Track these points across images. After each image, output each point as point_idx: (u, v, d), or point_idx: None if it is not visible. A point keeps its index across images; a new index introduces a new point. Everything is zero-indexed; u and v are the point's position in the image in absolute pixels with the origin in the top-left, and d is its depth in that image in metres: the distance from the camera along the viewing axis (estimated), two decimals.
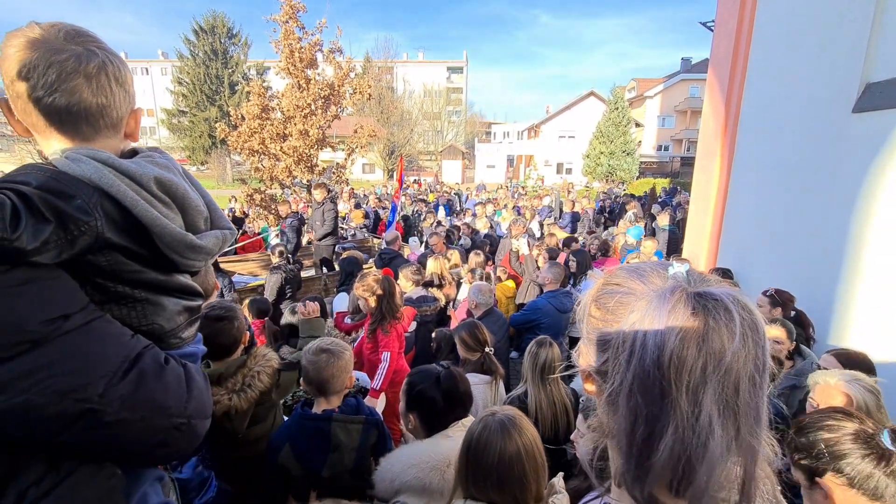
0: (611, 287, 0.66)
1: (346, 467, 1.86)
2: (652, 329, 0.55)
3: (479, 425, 1.39)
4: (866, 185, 3.41)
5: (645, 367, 0.54)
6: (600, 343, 0.63)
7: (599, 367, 0.63)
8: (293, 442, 1.85)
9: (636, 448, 0.56)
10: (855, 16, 3.58)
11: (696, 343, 0.53)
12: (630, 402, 0.56)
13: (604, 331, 0.63)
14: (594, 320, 0.66)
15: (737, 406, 0.54)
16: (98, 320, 0.82)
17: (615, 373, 0.58)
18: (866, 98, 3.48)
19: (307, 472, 1.84)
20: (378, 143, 34.82)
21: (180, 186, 0.96)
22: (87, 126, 0.88)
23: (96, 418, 0.76)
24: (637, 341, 0.56)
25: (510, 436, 1.35)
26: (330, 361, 1.92)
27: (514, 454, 1.33)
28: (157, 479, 1.02)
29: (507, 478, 1.32)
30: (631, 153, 31.70)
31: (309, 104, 10.63)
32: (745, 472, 0.55)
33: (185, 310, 1.03)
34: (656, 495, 0.57)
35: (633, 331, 0.57)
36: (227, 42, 38.35)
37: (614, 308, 0.63)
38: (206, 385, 1.02)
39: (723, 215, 5.39)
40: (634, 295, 0.62)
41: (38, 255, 0.74)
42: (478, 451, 1.34)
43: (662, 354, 0.53)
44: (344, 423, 1.90)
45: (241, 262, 8.52)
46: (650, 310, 0.56)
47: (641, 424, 0.55)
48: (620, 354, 0.58)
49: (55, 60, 0.81)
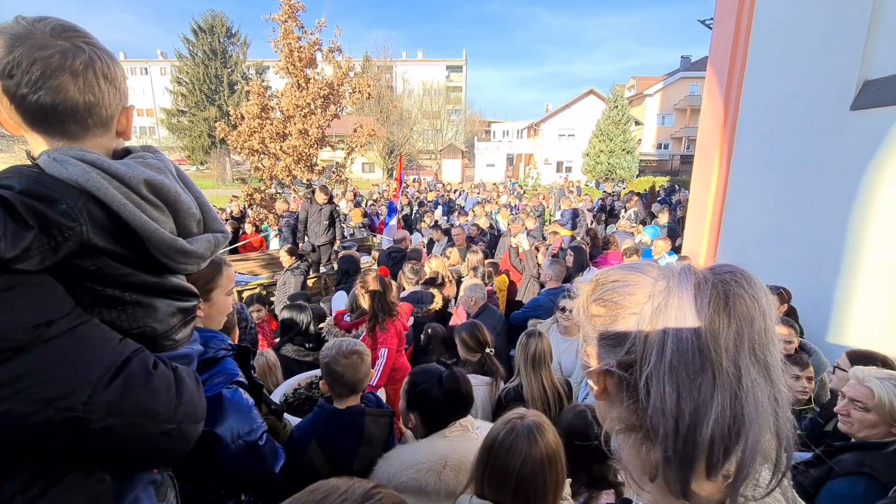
0: (609, 284, 0.66)
1: (374, 459, 1.88)
2: (682, 305, 0.57)
3: (506, 427, 1.35)
4: (865, 181, 3.40)
5: (683, 341, 0.56)
6: (614, 337, 0.64)
7: (622, 360, 0.62)
8: (320, 438, 1.85)
9: (684, 426, 0.55)
10: (853, 14, 3.57)
11: (726, 309, 0.55)
12: (672, 379, 0.56)
13: (616, 324, 0.64)
14: (600, 319, 0.66)
15: (767, 364, 0.56)
16: (83, 325, 0.80)
17: (647, 356, 0.59)
18: (864, 95, 3.47)
19: (335, 468, 1.83)
20: (377, 142, 34.78)
21: (172, 189, 0.94)
22: (75, 125, 0.85)
23: (82, 426, 0.75)
24: (670, 319, 0.57)
25: (536, 442, 1.32)
26: (363, 362, 1.95)
27: (538, 461, 1.30)
28: (150, 483, 1.01)
29: (526, 484, 1.29)
30: (631, 151, 31.61)
31: (308, 103, 10.62)
32: (780, 430, 0.57)
33: (179, 311, 1.01)
34: (692, 482, 0.58)
35: (660, 312, 0.59)
36: (226, 42, 38.32)
37: (622, 301, 0.64)
38: (197, 389, 1.00)
39: (722, 212, 5.38)
40: (640, 285, 0.63)
41: (20, 262, 0.72)
42: (501, 453, 1.31)
43: (699, 326, 0.55)
44: (375, 416, 1.92)
45: (242, 262, 8.51)
46: (673, 289, 0.59)
47: (687, 399, 0.55)
48: (651, 337, 0.59)
49: (39, 57, 0.78)
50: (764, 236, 4.67)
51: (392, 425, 2.02)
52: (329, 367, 1.92)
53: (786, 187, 4.35)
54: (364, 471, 1.82)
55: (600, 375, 0.67)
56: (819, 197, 3.90)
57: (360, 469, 1.83)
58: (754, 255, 4.81)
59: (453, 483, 1.53)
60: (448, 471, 1.56)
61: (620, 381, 0.64)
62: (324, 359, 1.95)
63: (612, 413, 0.67)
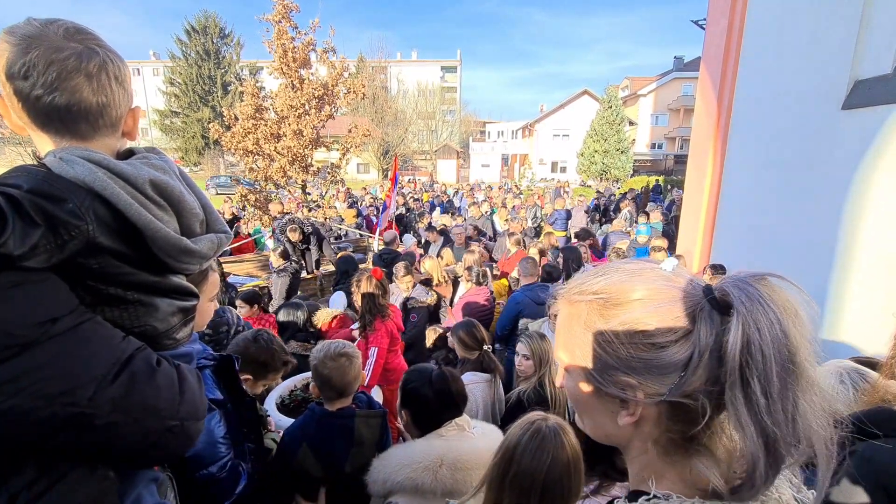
0: (641, 308, 0.61)
1: (366, 461, 1.86)
2: (761, 317, 0.54)
3: (530, 429, 1.31)
4: (856, 180, 3.44)
5: (779, 348, 0.53)
6: (661, 366, 0.59)
7: (682, 387, 0.58)
8: (311, 441, 1.84)
9: (783, 433, 0.53)
10: (843, 14, 3.62)
11: (797, 319, 0.56)
12: (772, 391, 0.53)
13: (664, 351, 0.59)
14: (643, 348, 0.60)
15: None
16: (88, 323, 0.81)
17: (730, 378, 0.55)
18: (855, 95, 3.52)
19: (327, 470, 1.83)
20: (372, 142, 34.72)
21: (176, 189, 0.94)
22: (87, 125, 0.87)
23: (87, 422, 0.76)
24: (758, 335, 0.54)
25: (563, 445, 1.28)
26: (352, 365, 1.93)
27: (565, 465, 1.27)
28: (153, 480, 1.01)
29: (553, 488, 1.25)
30: (625, 151, 31.81)
31: (303, 104, 10.59)
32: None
33: (180, 311, 1.02)
34: None
35: (740, 331, 0.55)
36: (219, 42, 38.20)
37: (673, 322, 0.59)
38: (199, 386, 1.01)
39: (716, 211, 5.43)
40: (681, 301, 0.60)
41: (27, 259, 0.73)
42: (525, 457, 1.26)
43: (787, 335, 0.54)
44: (366, 417, 1.92)
45: (237, 263, 8.48)
46: (746, 302, 0.55)
47: (788, 405, 0.54)
48: (732, 358, 0.54)
49: (55, 59, 0.79)
50: (757, 235, 4.72)
51: (385, 426, 2.01)
52: (317, 370, 1.91)
53: (779, 186, 4.40)
54: (356, 473, 1.80)
55: (639, 406, 0.62)
56: (812, 195, 3.94)
57: (352, 471, 1.82)
58: (747, 253, 4.86)
59: (450, 482, 1.53)
60: (444, 470, 1.56)
61: (675, 408, 0.60)
62: (312, 361, 1.94)
63: (640, 435, 0.65)
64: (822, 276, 3.72)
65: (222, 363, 1.65)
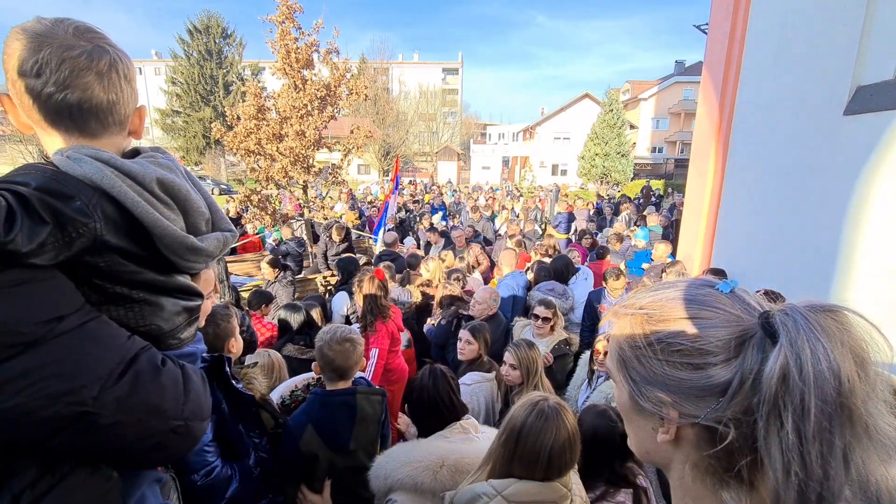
0: (682, 327, 0.60)
1: (370, 439, 1.98)
2: (806, 347, 0.51)
3: (534, 410, 1.44)
4: (858, 186, 3.44)
5: (822, 385, 0.49)
6: (701, 388, 0.58)
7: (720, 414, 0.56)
8: (316, 422, 1.89)
9: (811, 476, 0.50)
10: (846, 19, 3.62)
11: (861, 361, 0.52)
12: (806, 430, 0.50)
13: (705, 373, 0.58)
14: (680, 367, 0.60)
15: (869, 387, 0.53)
16: (93, 322, 0.81)
17: (769, 411, 0.52)
18: (857, 101, 3.52)
19: (331, 448, 1.88)
20: (373, 144, 34.73)
21: (182, 188, 0.95)
22: (97, 123, 0.88)
23: (91, 421, 0.76)
24: (797, 363, 0.51)
25: (564, 422, 1.42)
26: (355, 350, 2.03)
27: (566, 438, 1.41)
28: (156, 481, 1.01)
29: (557, 459, 1.38)
30: (625, 155, 31.81)
31: (305, 104, 10.59)
32: None
33: (185, 310, 1.02)
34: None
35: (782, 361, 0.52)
36: (221, 42, 38.13)
37: (715, 345, 0.58)
38: (203, 386, 1.01)
39: (717, 216, 5.42)
40: (730, 325, 0.58)
41: (35, 256, 0.73)
42: (532, 435, 1.39)
43: (836, 373, 0.50)
44: (367, 394, 2.01)
45: (239, 262, 8.49)
46: (792, 330, 0.52)
47: (827, 449, 0.50)
48: (768, 390, 0.52)
49: (67, 57, 0.80)
50: (758, 240, 4.72)
51: (386, 405, 2.11)
52: (322, 351, 2.00)
53: (780, 192, 4.39)
54: (358, 451, 1.91)
55: (674, 425, 0.61)
56: (813, 201, 3.94)
57: (356, 449, 1.91)
58: (748, 259, 4.85)
59: (449, 483, 1.54)
60: (445, 471, 1.57)
61: (710, 432, 0.58)
62: (318, 342, 2.03)
63: (679, 457, 0.64)
64: (823, 281, 3.72)
65: (213, 363, 1.65)
